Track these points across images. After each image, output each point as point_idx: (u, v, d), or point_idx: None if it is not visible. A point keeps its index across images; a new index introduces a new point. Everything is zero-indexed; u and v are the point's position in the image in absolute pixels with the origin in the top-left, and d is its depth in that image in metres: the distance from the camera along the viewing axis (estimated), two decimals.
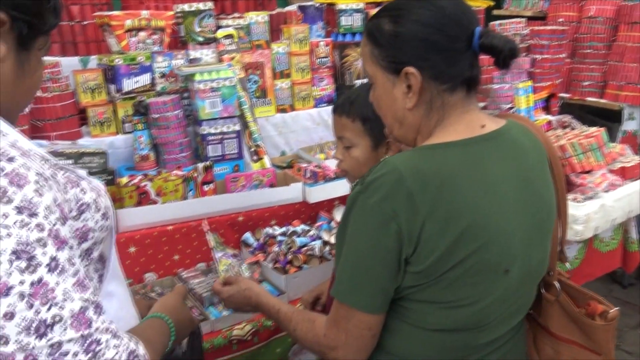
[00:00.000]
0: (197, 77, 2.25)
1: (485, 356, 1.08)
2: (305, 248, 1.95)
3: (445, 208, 0.94)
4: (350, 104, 1.39)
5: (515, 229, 1.01)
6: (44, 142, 2.00)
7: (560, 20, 3.96)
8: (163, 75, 2.37)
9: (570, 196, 2.25)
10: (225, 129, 2.30)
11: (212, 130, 2.28)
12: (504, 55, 1.00)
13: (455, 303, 1.00)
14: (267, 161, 2.38)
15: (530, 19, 3.81)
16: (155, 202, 2.04)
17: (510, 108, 2.77)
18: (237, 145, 2.32)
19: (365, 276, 0.99)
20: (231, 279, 1.42)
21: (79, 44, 2.63)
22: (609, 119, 3.58)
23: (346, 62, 2.76)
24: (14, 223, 0.71)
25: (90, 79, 2.24)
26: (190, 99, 2.37)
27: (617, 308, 1.14)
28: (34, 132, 2.10)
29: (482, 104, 1.12)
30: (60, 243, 0.75)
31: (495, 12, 4.50)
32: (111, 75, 2.27)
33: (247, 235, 2.09)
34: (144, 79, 2.31)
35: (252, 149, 2.41)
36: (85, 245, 0.88)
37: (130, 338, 0.81)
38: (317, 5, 2.92)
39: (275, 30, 2.80)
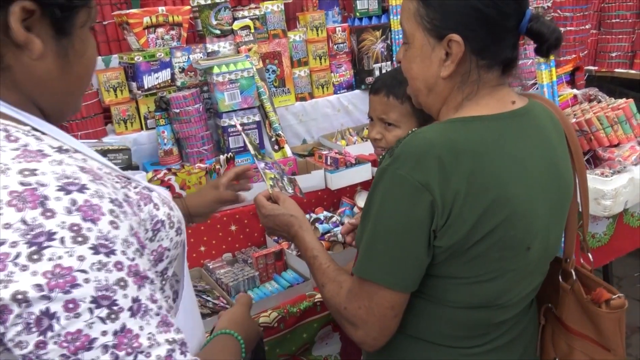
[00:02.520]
0: (215, 70, 2.27)
1: (501, 335, 1.08)
2: (328, 234, 1.96)
3: (476, 180, 0.93)
4: (399, 85, 1.36)
5: (539, 207, 1.00)
6: None
7: None
8: (182, 70, 2.40)
9: (597, 171, 2.20)
10: (245, 120, 2.32)
11: (233, 122, 2.31)
12: (549, 44, 0.97)
13: (476, 279, 0.99)
14: (288, 150, 2.40)
15: None
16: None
17: (534, 84, 2.71)
18: (257, 136, 2.34)
19: (397, 250, 0.95)
20: (279, 197, 1.32)
21: (101, 43, 2.67)
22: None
23: (363, 46, 2.74)
24: (91, 265, 0.64)
25: (112, 78, 2.29)
26: (209, 92, 2.40)
27: (620, 295, 1.09)
28: None
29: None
30: (141, 280, 0.69)
31: None
32: (132, 73, 2.31)
33: None
34: (164, 75, 2.35)
35: (273, 139, 2.43)
36: (160, 267, 0.84)
37: None
38: None
39: (291, 19, 2.80)
